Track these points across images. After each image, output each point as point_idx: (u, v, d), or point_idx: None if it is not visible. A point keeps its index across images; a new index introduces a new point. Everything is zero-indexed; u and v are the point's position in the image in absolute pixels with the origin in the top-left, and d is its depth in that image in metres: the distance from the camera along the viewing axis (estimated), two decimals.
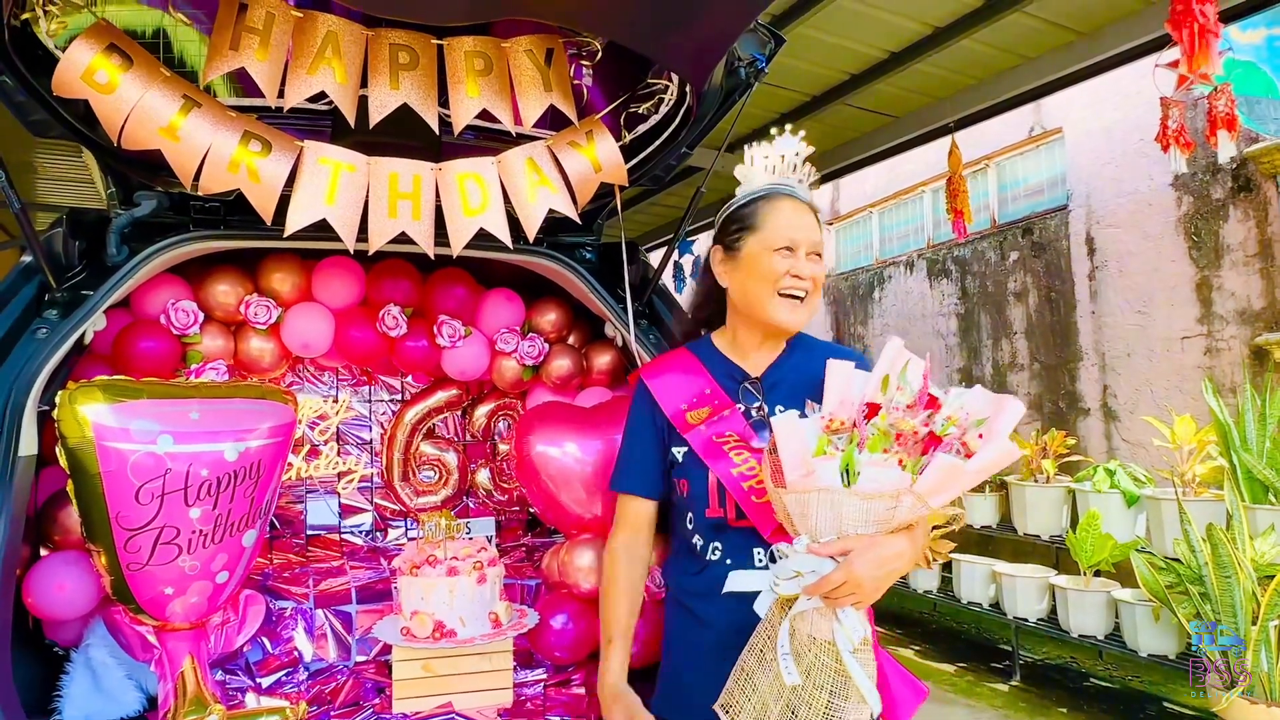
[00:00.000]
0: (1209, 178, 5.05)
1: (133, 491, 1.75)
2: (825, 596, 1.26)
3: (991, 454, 1.26)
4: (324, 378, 3.06)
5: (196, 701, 1.88)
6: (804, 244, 1.53)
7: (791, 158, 1.62)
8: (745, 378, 1.59)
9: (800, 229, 1.54)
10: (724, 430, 1.51)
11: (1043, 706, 4.12)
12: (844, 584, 1.24)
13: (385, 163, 1.87)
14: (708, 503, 1.52)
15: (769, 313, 1.53)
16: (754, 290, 1.55)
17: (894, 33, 4.38)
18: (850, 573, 1.23)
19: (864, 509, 1.26)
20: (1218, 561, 3.11)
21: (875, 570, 1.25)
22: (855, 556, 1.24)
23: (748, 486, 1.45)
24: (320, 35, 1.76)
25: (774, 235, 1.53)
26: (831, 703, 1.26)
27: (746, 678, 1.34)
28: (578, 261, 2.51)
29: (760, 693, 1.31)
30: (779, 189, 1.59)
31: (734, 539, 1.50)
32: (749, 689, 1.33)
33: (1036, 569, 4.57)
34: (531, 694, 2.35)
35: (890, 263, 7.75)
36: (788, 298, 1.52)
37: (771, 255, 1.53)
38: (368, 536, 3.05)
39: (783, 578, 1.30)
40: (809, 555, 1.27)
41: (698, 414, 1.55)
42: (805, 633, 1.29)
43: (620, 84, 2.24)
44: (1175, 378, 5.27)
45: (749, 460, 1.47)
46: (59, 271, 1.99)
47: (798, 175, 1.62)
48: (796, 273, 1.52)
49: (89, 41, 1.63)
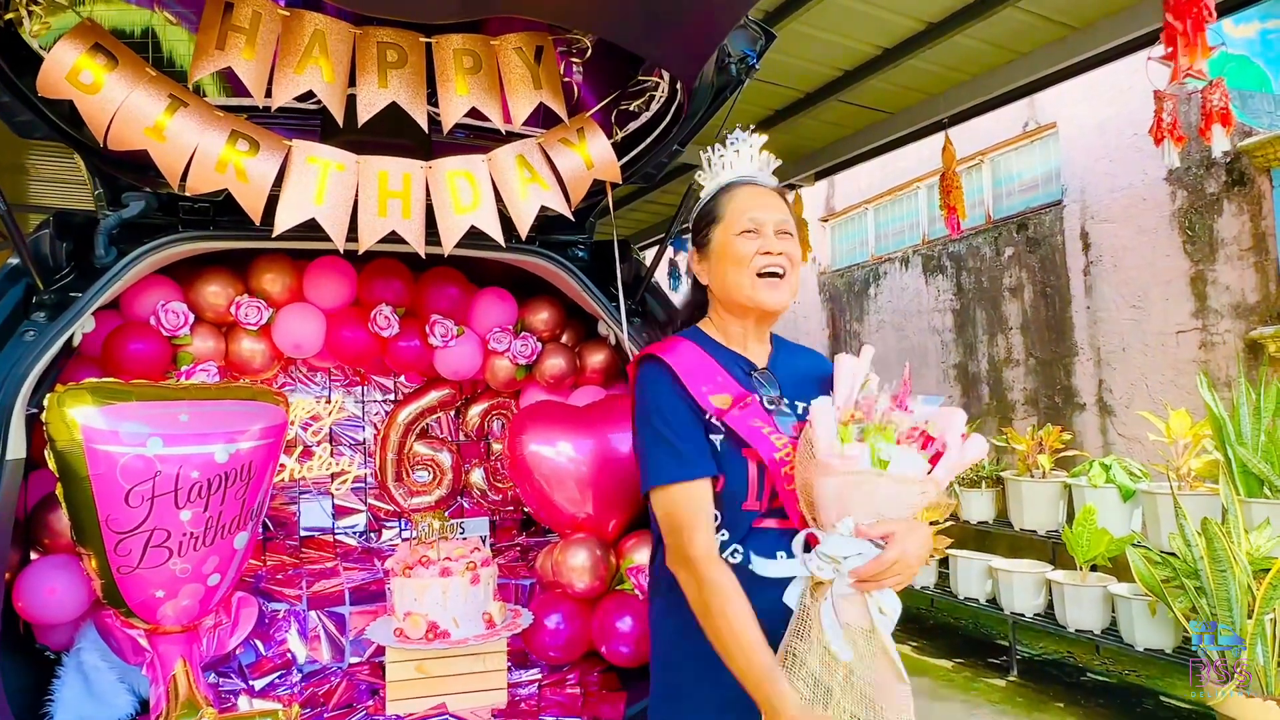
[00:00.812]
0: (1203, 172, 5.05)
1: (122, 494, 1.74)
2: (868, 579, 1.29)
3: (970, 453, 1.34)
4: (316, 378, 3.05)
5: (189, 704, 1.87)
6: (769, 222, 1.53)
7: (747, 150, 1.64)
8: (753, 368, 1.57)
9: (761, 209, 1.55)
10: (752, 417, 1.46)
11: (1040, 701, 4.11)
12: (895, 564, 1.28)
13: (375, 161, 1.86)
14: (745, 496, 1.45)
15: (750, 295, 1.52)
16: (731, 277, 1.53)
17: (887, 28, 4.37)
18: (904, 552, 1.28)
19: (899, 493, 1.31)
20: (1213, 555, 3.11)
21: (920, 550, 1.30)
22: (902, 537, 1.29)
23: (785, 473, 1.43)
24: (307, 34, 1.75)
25: (736, 220, 1.55)
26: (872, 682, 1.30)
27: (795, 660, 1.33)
28: (570, 260, 2.50)
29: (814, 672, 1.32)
30: (737, 179, 1.61)
31: (757, 541, 1.44)
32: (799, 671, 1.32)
33: (1033, 564, 4.57)
34: (526, 694, 2.35)
35: (886, 259, 7.75)
36: (766, 277, 1.52)
37: (737, 239, 1.53)
38: (361, 537, 3.04)
39: (821, 562, 1.32)
40: (850, 539, 1.30)
41: (721, 399, 1.47)
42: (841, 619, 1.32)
43: (611, 81, 2.23)
44: (1170, 372, 5.27)
45: (786, 446, 1.44)
46: (46, 273, 1.98)
47: (756, 165, 1.63)
48: (766, 249, 1.52)
49: (73, 41, 1.61)
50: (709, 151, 1.66)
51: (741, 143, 1.64)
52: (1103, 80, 5.28)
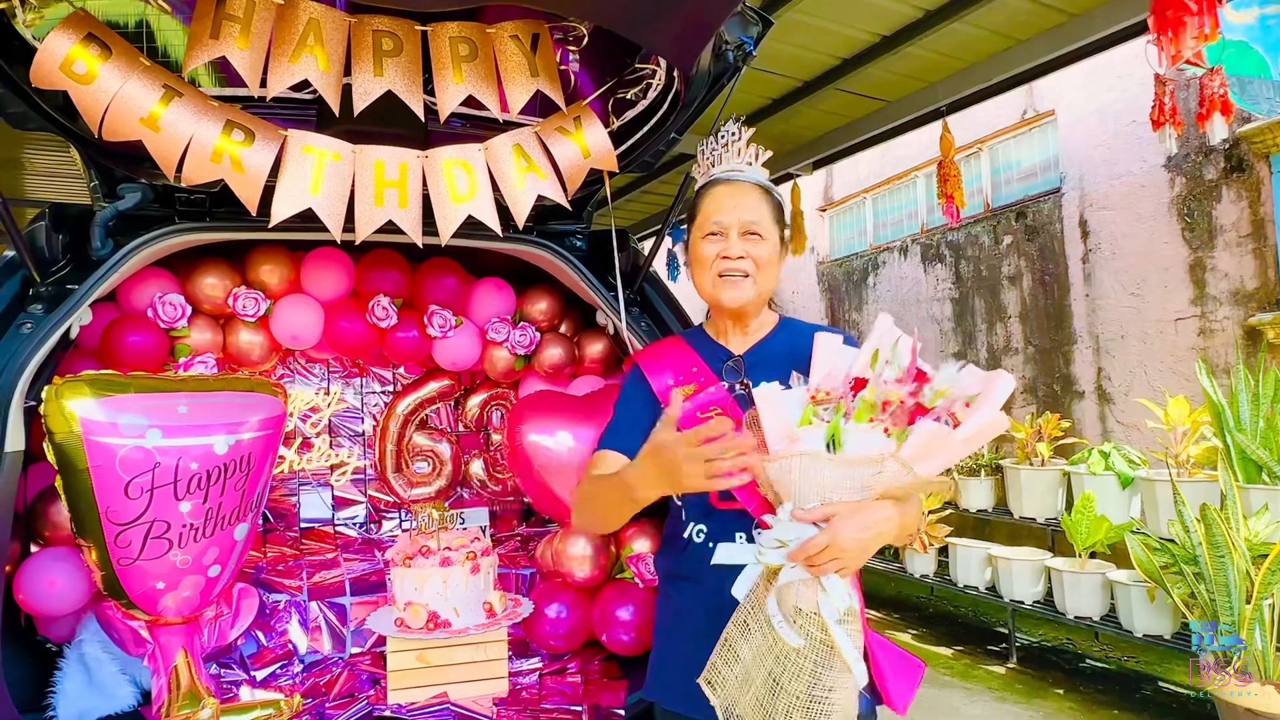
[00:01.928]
0: (1202, 159, 5.04)
1: (122, 486, 1.74)
2: (809, 563, 1.26)
3: (978, 423, 1.27)
4: (315, 370, 3.04)
5: (190, 695, 1.88)
6: (733, 225, 1.55)
7: (734, 143, 1.64)
8: (729, 356, 1.61)
9: (727, 210, 1.56)
10: (707, 405, 1.53)
11: (1040, 688, 4.13)
12: (827, 548, 1.24)
13: (371, 151, 1.85)
14: None
15: (711, 293, 1.58)
16: (698, 277, 1.60)
17: (885, 16, 4.35)
18: (834, 536, 1.24)
19: (847, 474, 1.27)
20: (1212, 541, 3.11)
21: (859, 534, 1.25)
22: (838, 521, 1.25)
23: None
24: (302, 22, 1.74)
25: (704, 222, 1.58)
26: (816, 672, 1.26)
27: (730, 649, 1.35)
28: (568, 250, 2.49)
29: (744, 662, 1.32)
30: (716, 177, 1.62)
31: (718, 521, 1.51)
32: (732, 660, 1.34)
33: (1032, 552, 4.58)
34: (527, 683, 2.35)
35: (884, 248, 7.74)
36: (727, 277, 1.55)
37: (702, 242, 1.58)
38: (361, 528, 3.04)
39: (767, 547, 1.31)
40: (793, 523, 1.28)
41: (684, 390, 1.55)
42: (790, 603, 1.29)
43: (607, 69, 2.22)
44: (1169, 359, 5.28)
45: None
46: (43, 265, 1.97)
47: (744, 158, 1.63)
48: (725, 253, 1.54)
49: (67, 32, 1.60)
50: (702, 145, 1.67)
51: (728, 136, 1.65)
52: (1101, 67, 5.26)
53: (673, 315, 2.53)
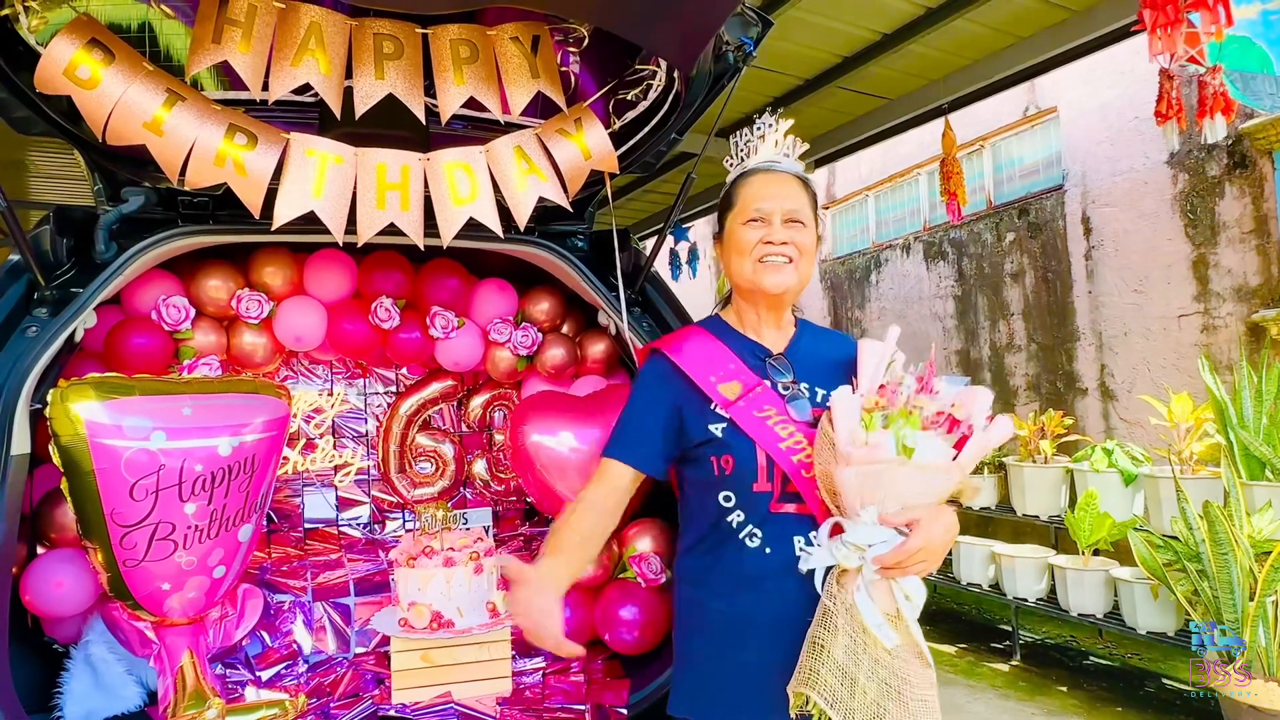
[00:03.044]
0: (1204, 155, 5.03)
1: (127, 488, 1.75)
2: (893, 567, 1.30)
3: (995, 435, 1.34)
4: (318, 371, 3.05)
5: (196, 695, 1.89)
6: (776, 212, 1.54)
7: (771, 134, 1.64)
8: (768, 354, 1.58)
9: (769, 198, 1.55)
10: (763, 404, 1.49)
11: (1043, 685, 4.13)
12: (919, 550, 1.29)
13: (373, 153, 1.86)
14: (756, 477, 1.47)
15: (750, 278, 1.55)
16: (736, 263, 1.57)
17: (886, 14, 4.35)
18: (928, 539, 1.29)
19: (923, 480, 1.31)
20: (1215, 538, 3.11)
21: (945, 536, 1.32)
22: (926, 524, 1.30)
23: (797, 460, 1.44)
24: (303, 26, 1.75)
25: (745, 209, 1.57)
26: (904, 671, 1.31)
27: (822, 650, 1.34)
28: (569, 250, 2.50)
29: (841, 665, 1.32)
30: (756, 166, 1.62)
31: (775, 526, 1.46)
32: (829, 663, 1.33)
33: (1035, 549, 4.58)
34: (530, 683, 2.36)
35: (887, 246, 7.73)
36: (769, 261, 1.54)
37: (743, 228, 1.56)
38: (365, 529, 3.05)
39: (847, 549, 1.33)
40: (876, 527, 1.31)
41: (730, 387, 1.51)
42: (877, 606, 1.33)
43: (608, 70, 2.22)
44: (1172, 356, 5.27)
45: (795, 434, 1.46)
46: (48, 269, 1.98)
47: (781, 150, 1.63)
48: (769, 239, 1.53)
49: (70, 37, 1.62)
50: (737, 137, 1.65)
51: (766, 127, 1.64)
52: (1103, 64, 5.25)
53: (674, 315, 2.53)
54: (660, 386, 1.57)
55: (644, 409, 1.58)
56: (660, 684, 2.27)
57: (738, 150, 1.66)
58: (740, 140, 1.65)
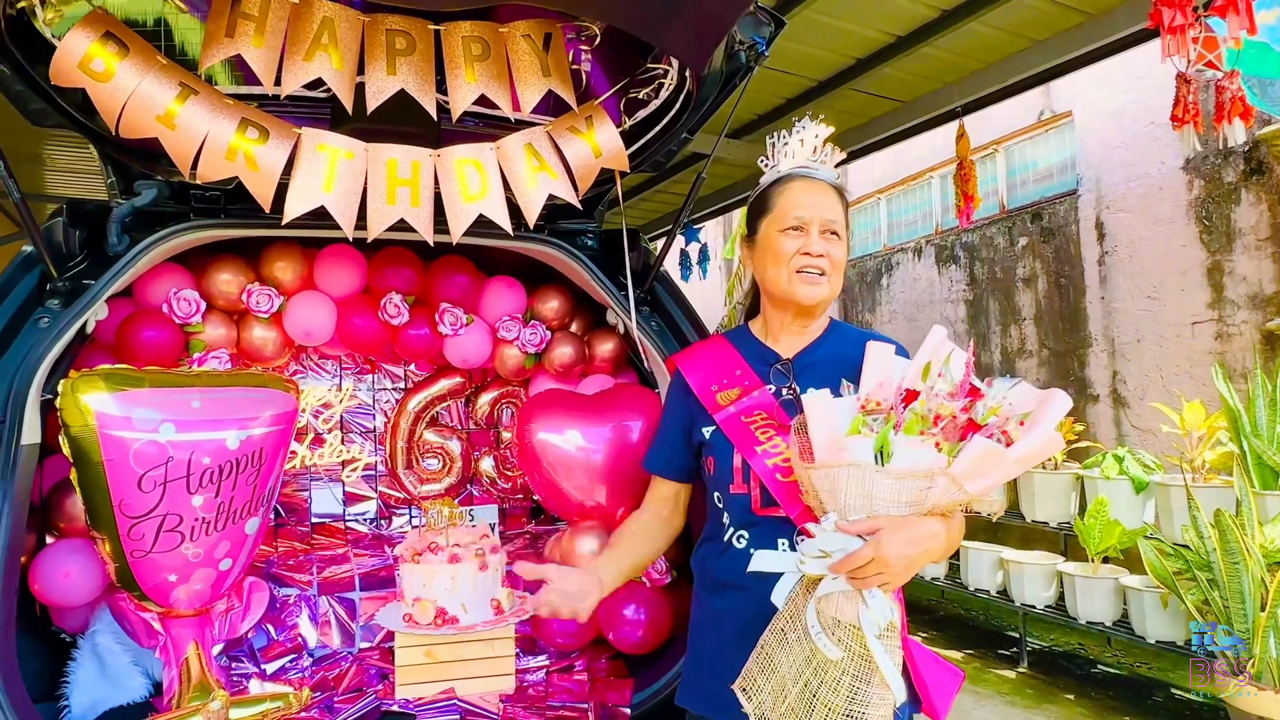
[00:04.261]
0: (1221, 161, 4.99)
1: (135, 479, 1.76)
2: (852, 576, 1.24)
3: (1034, 442, 1.23)
4: (327, 366, 3.06)
5: (201, 687, 1.90)
6: (815, 221, 1.52)
7: (811, 140, 1.61)
8: (776, 359, 1.58)
9: (809, 207, 1.53)
10: (751, 409, 1.50)
11: (1050, 693, 4.11)
12: (871, 562, 1.21)
13: (384, 149, 1.86)
14: (732, 479, 1.50)
15: (786, 289, 1.53)
16: (771, 271, 1.55)
17: (901, 16, 4.33)
18: (879, 550, 1.21)
19: (895, 488, 1.23)
20: (1226, 548, 3.08)
21: (905, 550, 1.22)
22: (884, 535, 1.21)
23: (772, 464, 1.43)
24: (316, 21, 1.75)
25: (782, 215, 1.54)
26: (855, 686, 1.24)
27: (766, 658, 1.32)
28: (579, 249, 2.50)
29: (780, 673, 1.29)
30: (793, 172, 1.59)
31: (761, 529, 1.47)
32: (768, 669, 1.31)
33: (1044, 556, 4.55)
34: (534, 680, 2.36)
35: (898, 249, 7.71)
36: (805, 273, 1.51)
37: (781, 236, 1.53)
38: (372, 524, 3.06)
39: (809, 556, 1.28)
40: (837, 533, 1.25)
41: (728, 394, 1.54)
42: (830, 615, 1.27)
43: (620, 69, 2.22)
44: (1185, 363, 5.23)
45: (775, 439, 1.45)
46: (60, 261, 2.00)
47: (819, 157, 1.60)
48: (807, 250, 1.50)
49: (85, 30, 1.62)
50: (773, 138, 1.63)
51: (805, 132, 1.61)
52: (1119, 68, 5.22)
53: (683, 315, 2.53)
54: (677, 399, 1.67)
55: (667, 421, 1.70)
56: (664, 683, 2.26)
57: (774, 151, 1.62)
58: (778, 141, 1.62)
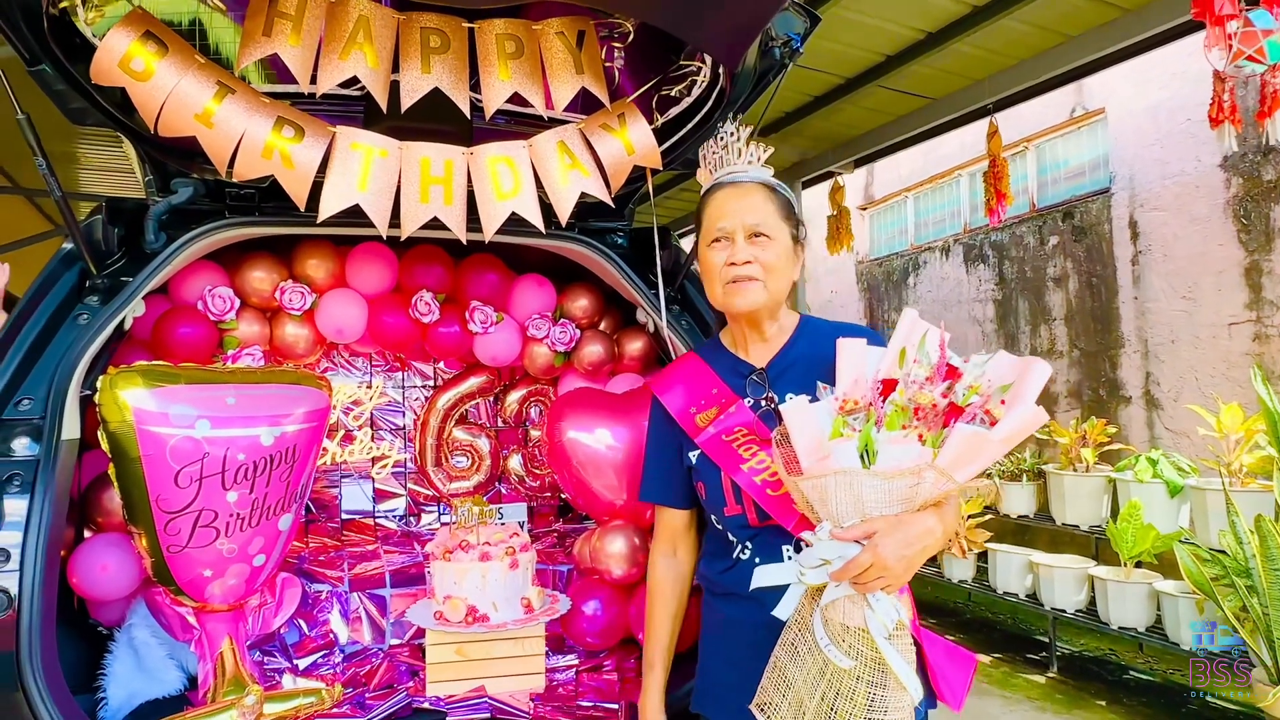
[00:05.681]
0: (1259, 158, 4.89)
1: (172, 475, 1.77)
2: (854, 582, 1.22)
3: (1016, 421, 1.21)
4: (358, 363, 3.08)
5: (235, 681, 1.91)
6: (738, 229, 1.49)
7: (734, 144, 1.59)
8: (751, 370, 1.56)
9: (730, 215, 1.51)
10: (732, 427, 1.49)
11: (1080, 699, 4.05)
12: (871, 567, 1.20)
13: (417, 147, 1.87)
14: (725, 501, 1.49)
15: (724, 302, 1.53)
16: (709, 287, 1.56)
17: (931, 12, 4.29)
18: (876, 554, 1.20)
19: (885, 489, 1.22)
20: (1266, 553, 3.02)
21: (903, 550, 1.21)
22: (880, 538, 1.21)
23: (760, 480, 1.42)
24: (352, 20, 1.75)
25: (709, 230, 1.54)
26: (871, 693, 1.22)
27: (780, 674, 1.31)
28: (609, 247, 2.49)
29: (795, 688, 1.28)
30: (718, 181, 1.58)
31: (762, 539, 1.47)
32: (783, 685, 1.30)
33: (1075, 559, 4.49)
34: (563, 679, 2.36)
35: (925, 248, 7.63)
36: (736, 282, 1.50)
37: (709, 250, 1.53)
38: (401, 521, 3.07)
39: (808, 566, 1.26)
40: (833, 541, 1.24)
41: (706, 415, 1.52)
42: (838, 621, 1.26)
43: (652, 66, 2.21)
44: (1222, 365, 5.13)
45: (759, 454, 1.44)
46: (99, 258, 2.02)
47: (745, 159, 1.58)
48: (732, 260, 1.49)
49: (125, 29, 1.64)
50: (703, 149, 1.62)
51: (726, 136, 1.59)
52: (1154, 64, 5.13)
53: (713, 314, 2.51)
54: (660, 428, 1.65)
55: (655, 450, 1.67)
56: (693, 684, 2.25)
57: (705, 164, 1.61)
58: (706, 154, 1.61)
